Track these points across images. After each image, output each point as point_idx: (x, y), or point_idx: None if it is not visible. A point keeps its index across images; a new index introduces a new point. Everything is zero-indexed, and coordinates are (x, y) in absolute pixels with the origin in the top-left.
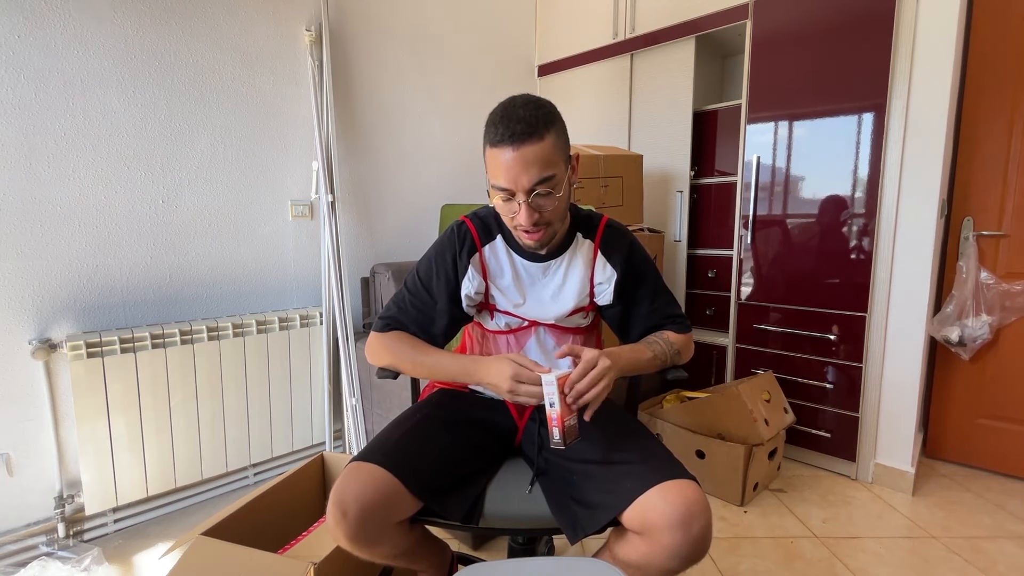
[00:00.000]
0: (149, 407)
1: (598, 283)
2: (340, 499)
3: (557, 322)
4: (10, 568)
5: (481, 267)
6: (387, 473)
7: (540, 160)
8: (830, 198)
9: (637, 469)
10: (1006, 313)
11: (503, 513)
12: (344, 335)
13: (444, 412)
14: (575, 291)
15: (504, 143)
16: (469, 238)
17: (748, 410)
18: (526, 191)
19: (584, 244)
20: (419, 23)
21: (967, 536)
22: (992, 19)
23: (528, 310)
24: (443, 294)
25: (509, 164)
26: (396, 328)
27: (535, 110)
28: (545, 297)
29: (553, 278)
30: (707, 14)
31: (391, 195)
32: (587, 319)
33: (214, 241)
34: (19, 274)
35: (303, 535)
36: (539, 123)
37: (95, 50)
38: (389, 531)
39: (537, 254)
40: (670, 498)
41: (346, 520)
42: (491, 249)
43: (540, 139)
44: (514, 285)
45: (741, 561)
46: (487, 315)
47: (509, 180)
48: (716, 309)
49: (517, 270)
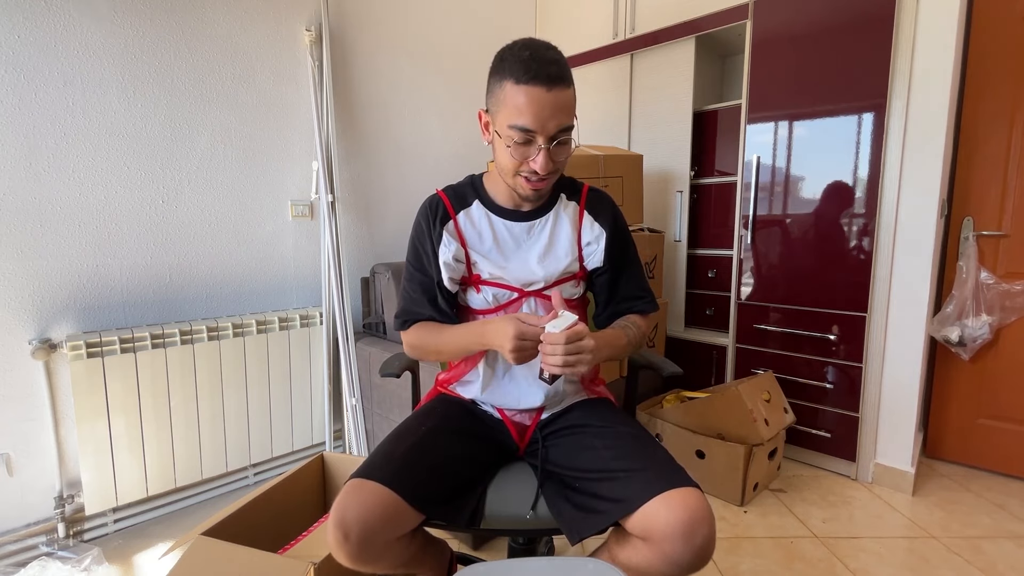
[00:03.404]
0: (149, 407)
1: (586, 243)
2: (342, 520)
3: (547, 285)
4: (10, 568)
5: (457, 234)
6: (390, 491)
7: (568, 107)
8: (830, 198)
9: (640, 476)
10: (1006, 313)
11: (504, 514)
12: (344, 335)
13: (447, 423)
14: (564, 250)
15: (539, 82)
16: (442, 208)
17: (748, 410)
18: (550, 136)
19: (569, 205)
20: (419, 23)
21: (967, 536)
22: (992, 19)
23: (514, 274)
24: (434, 266)
25: (542, 105)
26: (412, 320)
27: (561, 57)
28: (531, 259)
29: (539, 238)
30: (707, 14)
31: (391, 195)
32: (578, 288)
33: (214, 241)
34: (19, 274)
35: (303, 535)
36: (567, 71)
37: (95, 50)
38: (392, 546)
39: (520, 212)
40: (673, 507)
41: (348, 542)
42: (466, 215)
43: (568, 86)
44: (495, 248)
45: (741, 561)
46: (472, 291)
47: (537, 121)
48: (716, 309)
49: (498, 232)
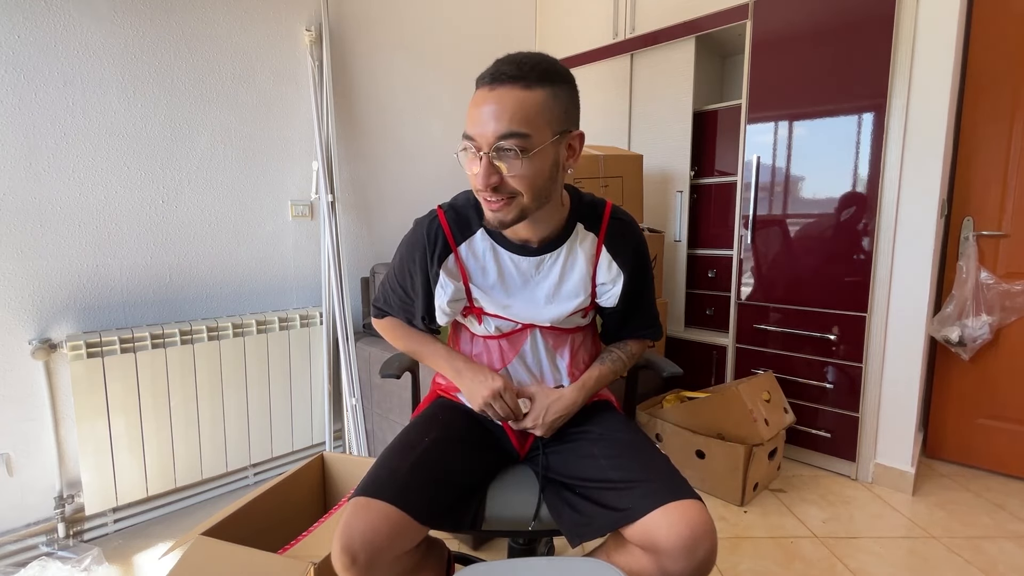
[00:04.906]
0: (149, 407)
1: (601, 283)
2: (348, 544)
3: (554, 324)
4: (10, 568)
5: (459, 269)
6: (396, 509)
7: (516, 111)
8: (830, 198)
9: (640, 487)
10: (1006, 313)
11: (505, 517)
12: (344, 335)
13: (450, 432)
14: (574, 291)
15: (483, 83)
16: (441, 239)
17: (748, 410)
18: (489, 143)
19: (587, 237)
20: (419, 23)
21: (967, 536)
22: (992, 19)
23: (519, 312)
24: (419, 294)
25: (479, 107)
26: (387, 315)
27: (536, 58)
28: (538, 297)
29: (548, 275)
30: (707, 14)
31: (391, 195)
32: (586, 319)
33: (214, 241)
34: (19, 274)
35: (303, 535)
36: (532, 71)
37: (95, 50)
38: (398, 560)
39: (528, 247)
40: (675, 521)
41: (356, 565)
42: (469, 247)
43: (525, 88)
44: (499, 285)
45: (741, 561)
46: (474, 320)
47: (473, 126)
48: (716, 309)
49: (503, 267)
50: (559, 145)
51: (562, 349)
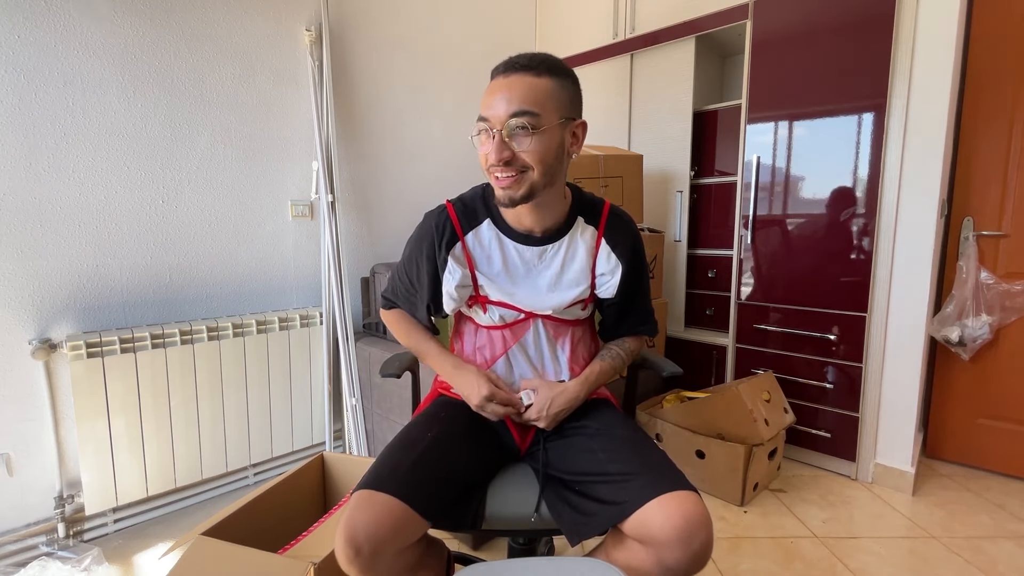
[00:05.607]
0: (149, 407)
1: (600, 273)
2: (352, 536)
3: (555, 313)
4: (10, 568)
5: (465, 257)
6: (399, 502)
7: (527, 94)
8: (830, 198)
9: (636, 480)
10: (1006, 313)
11: (505, 515)
12: (344, 335)
13: (452, 429)
14: (575, 280)
15: (497, 73)
16: (449, 228)
17: (748, 410)
18: (502, 121)
19: (587, 230)
20: (419, 22)
21: (967, 536)
22: (992, 19)
23: (522, 300)
24: (425, 285)
25: (494, 91)
26: (394, 307)
27: (545, 55)
28: (541, 285)
29: (551, 265)
30: (707, 14)
31: (391, 195)
32: (586, 311)
33: (214, 241)
34: (19, 274)
35: (303, 535)
36: (542, 64)
37: (95, 50)
38: (400, 555)
39: (532, 236)
40: (670, 512)
41: (360, 557)
42: (475, 236)
43: (535, 75)
44: (504, 273)
45: (741, 561)
46: (479, 309)
47: (487, 108)
48: (716, 309)
49: (508, 256)
50: (565, 129)
51: (563, 341)
